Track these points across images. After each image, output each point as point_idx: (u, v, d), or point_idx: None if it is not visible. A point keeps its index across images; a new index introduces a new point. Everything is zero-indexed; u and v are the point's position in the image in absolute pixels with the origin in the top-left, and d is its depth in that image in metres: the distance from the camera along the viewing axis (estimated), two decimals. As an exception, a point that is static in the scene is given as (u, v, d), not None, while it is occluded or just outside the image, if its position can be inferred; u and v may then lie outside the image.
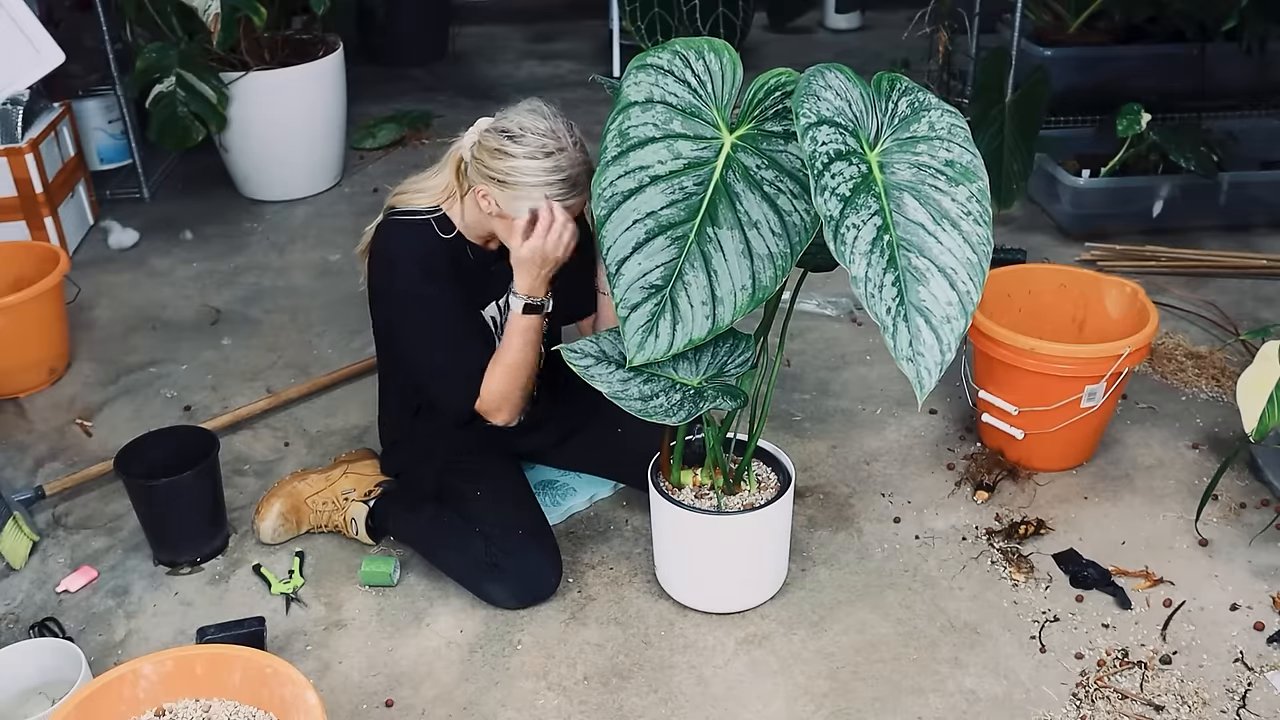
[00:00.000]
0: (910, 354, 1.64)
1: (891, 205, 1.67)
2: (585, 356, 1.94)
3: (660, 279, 1.81)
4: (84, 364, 3.09)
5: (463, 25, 5.84)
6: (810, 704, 2.00)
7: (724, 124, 1.82)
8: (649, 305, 1.83)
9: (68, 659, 1.96)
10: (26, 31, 3.36)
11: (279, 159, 4.00)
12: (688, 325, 1.83)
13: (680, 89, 1.81)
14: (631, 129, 1.79)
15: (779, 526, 2.16)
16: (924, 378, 1.63)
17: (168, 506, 2.30)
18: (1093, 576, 2.24)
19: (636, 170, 1.79)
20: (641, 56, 1.82)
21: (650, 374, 1.93)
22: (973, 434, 2.68)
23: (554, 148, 1.96)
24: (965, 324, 1.66)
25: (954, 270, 1.67)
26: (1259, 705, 1.97)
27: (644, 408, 1.89)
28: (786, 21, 5.82)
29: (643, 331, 1.83)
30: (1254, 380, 2.18)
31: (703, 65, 1.82)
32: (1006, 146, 3.51)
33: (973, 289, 1.67)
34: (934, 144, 1.73)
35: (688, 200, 1.80)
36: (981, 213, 1.71)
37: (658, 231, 1.80)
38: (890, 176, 1.70)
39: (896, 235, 1.66)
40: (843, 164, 1.65)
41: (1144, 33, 3.99)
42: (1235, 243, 3.53)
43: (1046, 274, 2.71)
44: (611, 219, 1.80)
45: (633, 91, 1.80)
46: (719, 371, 1.97)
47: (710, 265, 1.80)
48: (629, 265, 1.81)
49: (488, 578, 2.19)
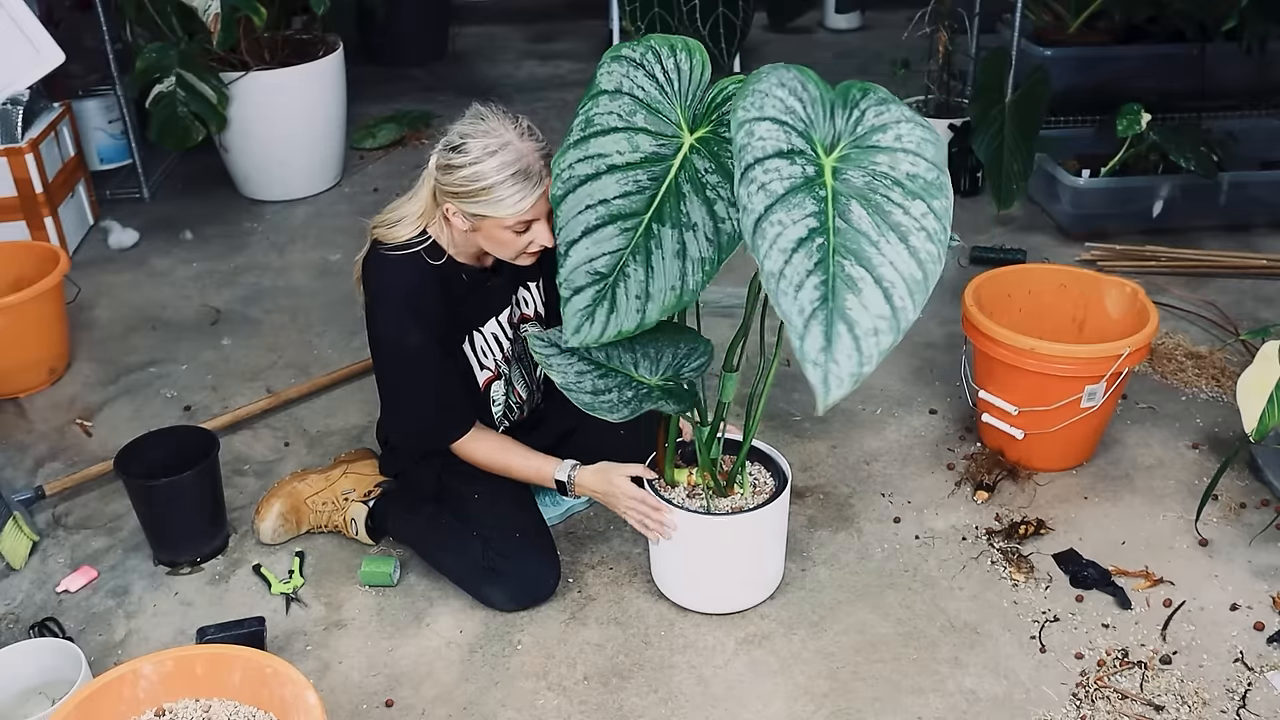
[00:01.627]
0: (820, 359, 1.58)
1: (836, 210, 1.64)
2: (549, 345, 1.99)
3: (605, 267, 1.83)
4: (84, 364, 3.09)
5: (463, 25, 5.84)
6: (810, 704, 2.00)
7: (686, 123, 1.83)
8: (592, 290, 1.84)
9: (68, 659, 1.96)
10: (26, 31, 3.37)
11: (279, 159, 4.00)
12: (620, 317, 1.84)
13: (649, 83, 1.83)
14: (597, 116, 1.81)
15: (772, 529, 2.16)
16: (832, 385, 1.57)
17: (168, 506, 2.30)
18: (1093, 576, 2.24)
19: (596, 157, 1.81)
20: (617, 47, 1.84)
21: (607, 369, 1.96)
22: (973, 434, 2.68)
23: (497, 146, 1.93)
24: (894, 340, 1.60)
25: (892, 284, 1.62)
26: (1259, 705, 1.97)
27: (593, 401, 1.92)
28: (786, 21, 5.82)
29: (581, 315, 1.85)
30: (1254, 380, 2.18)
31: (673, 63, 1.83)
32: (1006, 146, 3.51)
33: (910, 305, 1.61)
34: (897, 155, 1.69)
35: (640, 193, 1.81)
36: (936, 230, 1.65)
37: (609, 220, 1.82)
38: (841, 183, 1.67)
39: (834, 240, 1.62)
40: (781, 161, 1.63)
41: (1144, 33, 4.00)
42: (1235, 243, 3.53)
43: (1046, 274, 2.71)
44: (567, 201, 1.83)
45: (604, 80, 1.83)
46: (675, 373, 1.98)
47: (650, 261, 1.81)
48: (577, 249, 1.83)
49: (486, 580, 2.19)
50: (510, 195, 1.93)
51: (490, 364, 2.22)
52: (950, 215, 1.68)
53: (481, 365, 2.21)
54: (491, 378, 2.23)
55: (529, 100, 4.96)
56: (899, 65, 4.21)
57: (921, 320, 3.13)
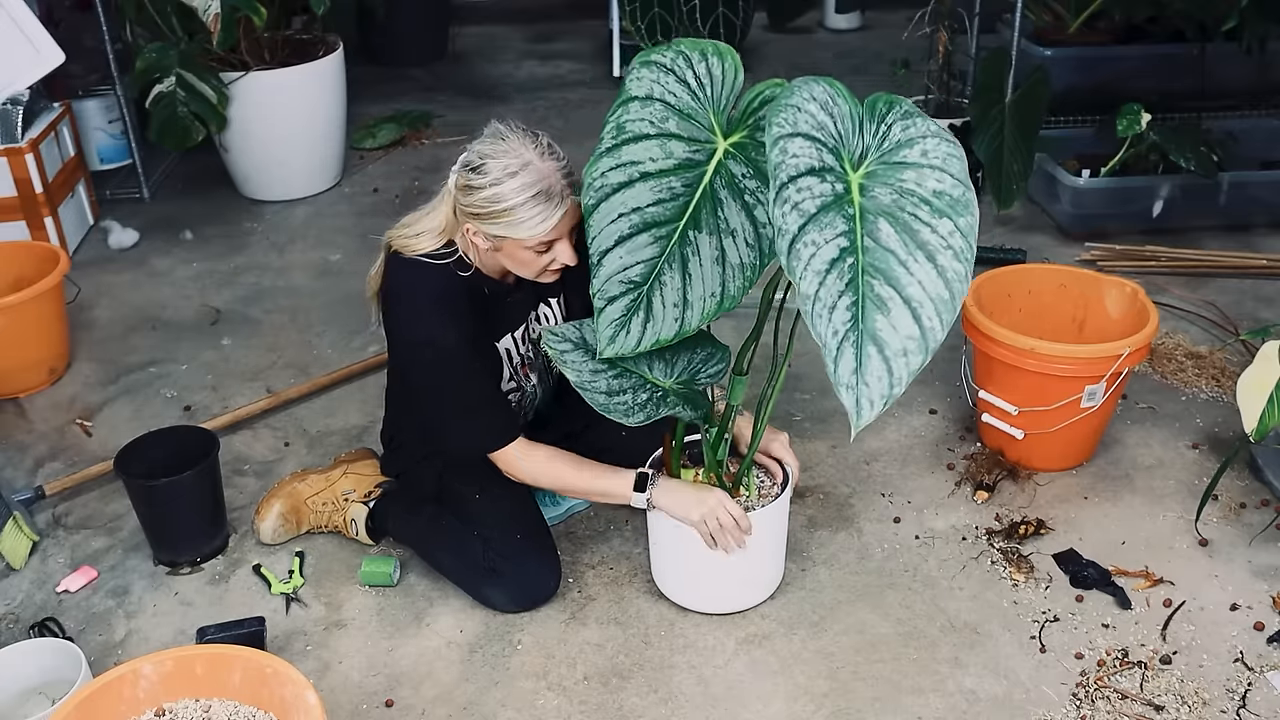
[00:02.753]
0: (852, 381, 1.58)
1: (865, 229, 1.62)
2: (564, 340, 1.96)
3: (640, 276, 1.82)
4: (84, 364, 3.09)
5: (463, 25, 5.84)
6: (810, 704, 2.00)
7: (719, 129, 1.82)
8: (626, 300, 1.83)
9: (68, 659, 1.96)
10: (26, 31, 3.36)
11: (279, 159, 4.00)
12: (658, 325, 1.83)
13: (680, 89, 1.81)
14: (629, 123, 1.80)
15: (772, 529, 2.16)
16: (864, 409, 1.57)
17: (168, 506, 2.30)
18: (1093, 576, 2.24)
19: (628, 164, 1.79)
20: (647, 53, 1.82)
21: (623, 369, 1.94)
22: (973, 434, 2.68)
23: (517, 167, 1.90)
24: (923, 360, 1.59)
25: (920, 304, 1.61)
26: (1259, 705, 1.97)
27: (607, 402, 1.90)
28: (786, 21, 5.81)
29: (616, 325, 1.84)
30: (1254, 380, 2.18)
31: (704, 68, 1.82)
32: (1006, 146, 3.51)
33: (938, 326, 1.60)
34: (924, 172, 1.67)
35: (674, 200, 1.80)
36: (963, 248, 1.64)
37: (642, 228, 1.80)
38: (869, 200, 1.65)
39: (864, 260, 1.61)
40: (813, 179, 1.62)
41: (1144, 33, 3.99)
42: (1235, 243, 3.53)
43: (1046, 274, 2.71)
44: (599, 210, 1.81)
45: (634, 86, 1.81)
46: (691, 377, 1.97)
47: (687, 268, 1.80)
48: (610, 258, 1.81)
49: (486, 581, 2.19)
50: (532, 217, 1.91)
51: (503, 376, 2.21)
52: (975, 233, 1.65)
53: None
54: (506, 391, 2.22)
55: (529, 100, 4.96)
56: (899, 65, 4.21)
57: (921, 320, 3.15)
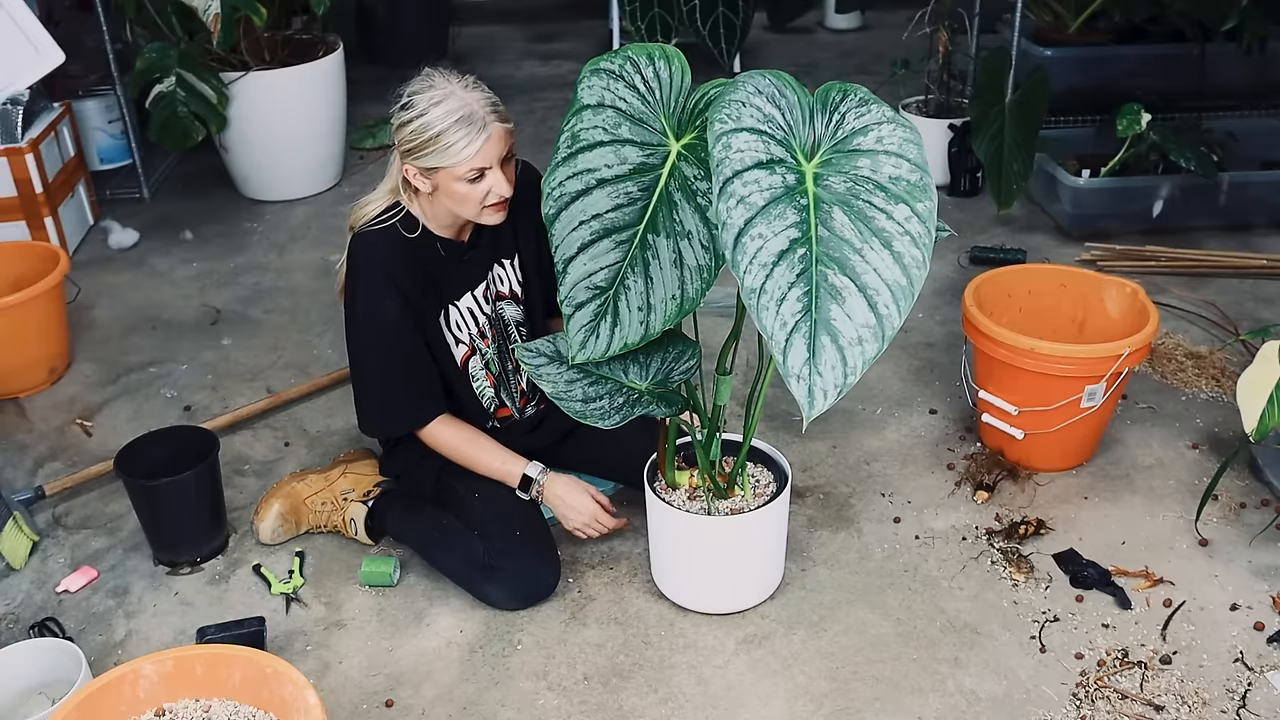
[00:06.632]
0: (804, 372, 1.57)
1: (819, 218, 1.62)
2: (539, 356, 2.00)
3: (604, 281, 1.83)
4: (84, 364, 3.09)
5: (463, 25, 5.84)
6: (810, 704, 2.00)
7: (671, 131, 1.82)
8: (593, 305, 1.85)
9: (68, 659, 1.96)
10: (26, 31, 3.36)
11: (279, 159, 4.00)
12: (624, 329, 1.84)
13: (630, 94, 1.82)
14: (582, 131, 1.81)
15: (771, 530, 2.16)
16: (816, 398, 1.56)
17: (168, 506, 2.30)
18: (1093, 576, 2.24)
19: (584, 172, 1.81)
20: (595, 60, 1.83)
21: (598, 376, 1.96)
22: (973, 434, 2.68)
23: (440, 97, 1.98)
24: (879, 348, 1.58)
25: (876, 291, 1.59)
26: (1259, 705, 1.97)
27: (584, 409, 1.93)
28: (786, 22, 5.81)
29: (585, 331, 1.85)
30: (1254, 380, 2.18)
31: (652, 71, 1.83)
32: (1006, 146, 3.51)
33: (895, 313, 1.59)
34: (878, 158, 1.66)
35: (632, 205, 1.81)
36: (921, 234, 1.62)
37: (603, 234, 1.82)
38: (823, 189, 1.64)
39: (817, 250, 1.60)
40: (761, 172, 1.61)
41: (1144, 33, 3.99)
42: (1235, 243, 3.53)
43: (1046, 274, 2.71)
44: (560, 219, 1.83)
45: (586, 95, 1.81)
46: (665, 377, 1.98)
47: (649, 272, 1.82)
48: (575, 265, 1.83)
49: (486, 579, 2.19)
50: (457, 141, 1.97)
51: (465, 338, 2.23)
52: (934, 217, 1.65)
53: (458, 340, 2.22)
54: (468, 353, 2.24)
55: (529, 100, 4.96)
56: (899, 65, 4.20)
57: (921, 320, 3.15)
